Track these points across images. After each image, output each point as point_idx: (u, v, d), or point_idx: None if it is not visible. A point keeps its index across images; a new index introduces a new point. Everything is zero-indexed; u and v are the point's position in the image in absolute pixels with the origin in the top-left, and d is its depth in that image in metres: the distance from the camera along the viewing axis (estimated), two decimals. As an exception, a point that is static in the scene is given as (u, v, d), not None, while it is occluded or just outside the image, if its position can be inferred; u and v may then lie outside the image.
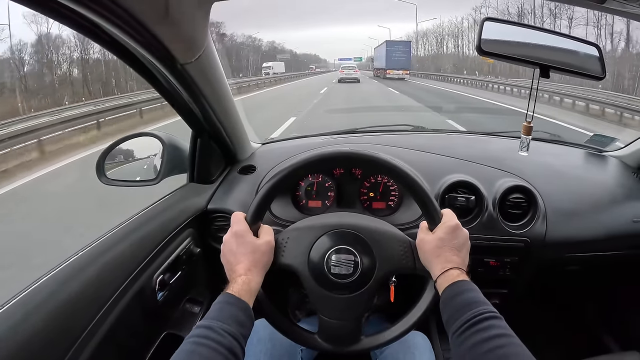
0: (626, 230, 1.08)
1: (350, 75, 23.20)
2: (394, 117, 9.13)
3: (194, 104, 0.88)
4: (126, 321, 0.75)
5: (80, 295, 0.66)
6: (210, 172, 1.13)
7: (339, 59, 59.59)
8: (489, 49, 0.83)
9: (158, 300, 0.85)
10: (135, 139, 1.12)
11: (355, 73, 24.06)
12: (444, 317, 0.63)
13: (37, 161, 6.11)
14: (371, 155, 0.74)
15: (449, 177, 1.06)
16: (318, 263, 0.73)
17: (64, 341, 0.61)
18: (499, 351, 0.53)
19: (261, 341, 0.88)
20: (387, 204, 1.11)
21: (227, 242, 0.71)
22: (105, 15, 0.52)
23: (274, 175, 0.74)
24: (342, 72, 23.79)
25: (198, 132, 1.05)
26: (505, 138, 1.40)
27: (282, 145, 1.35)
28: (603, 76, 0.90)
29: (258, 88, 19.36)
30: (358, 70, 25.92)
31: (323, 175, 1.11)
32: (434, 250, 0.69)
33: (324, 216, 0.84)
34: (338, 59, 60.56)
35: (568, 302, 1.53)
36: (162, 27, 0.60)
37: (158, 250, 0.86)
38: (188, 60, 0.71)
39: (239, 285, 0.64)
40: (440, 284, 0.66)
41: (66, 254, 0.73)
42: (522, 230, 1.04)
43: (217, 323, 0.58)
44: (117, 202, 2.47)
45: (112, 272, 0.74)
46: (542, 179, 1.09)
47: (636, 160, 1.19)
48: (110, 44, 0.65)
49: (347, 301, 0.73)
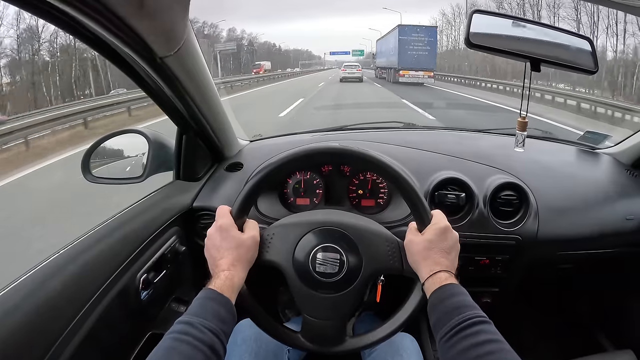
0: (619, 228, 1.07)
1: (353, 74, 22.11)
2: (385, 114, 8.77)
3: (177, 100, 0.87)
4: (109, 321, 0.73)
5: (60, 295, 0.65)
6: (197, 169, 1.12)
7: (331, 52, 53.02)
8: (478, 41, 0.81)
9: (142, 300, 0.84)
10: (120, 136, 1.10)
11: (358, 72, 22.62)
12: (431, 321, 0.62)
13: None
14: (361, 152, 0.72)
15: (439, 174, 1.05)
16: (303, 261, 0.71)
17: (43, 341, 0.60)
18: (489, 357, 0.52)
19: (246, 341, 0.86)
20: (376, 202, 1.10)
21: (211, 236, 0.69)
22: (79, 7, 0.50)
23: (261, 170, 0.73)
24: (344, 70, 22.96)
25: (183, 129, 1.03)
26: (496, 135, 1.39)
27: (270, 142, 1.34)
28: (595, 70, 0.89)
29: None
30: (361, 69, 23.80)
31: (311, 173, 1.10)
32: (422, 252, 0.67)
33: (311, 213, 0.82)
34: (330, 53, 54.00)
35: (561, 300, 1.52)
36: (138, 19, 0.58)
37: (142, 249, 0.85)
38: (167, 53, 0.69)
39: (222, 281, 0.63)
40: (428, 287, 0.65)
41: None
42: (513, 228, 1.03)
43: (197, 319, 0.56)
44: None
45: (94, 270, 0.73)
46: (534, 176, 1.08)
47: (629, 157, 1.18)
48: (89, 39, 0.63)
49: (332, 300, 0.71)
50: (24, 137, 6.92)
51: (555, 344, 1.35)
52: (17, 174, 5.36)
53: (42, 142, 7.37)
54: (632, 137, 1.19)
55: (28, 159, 6.16)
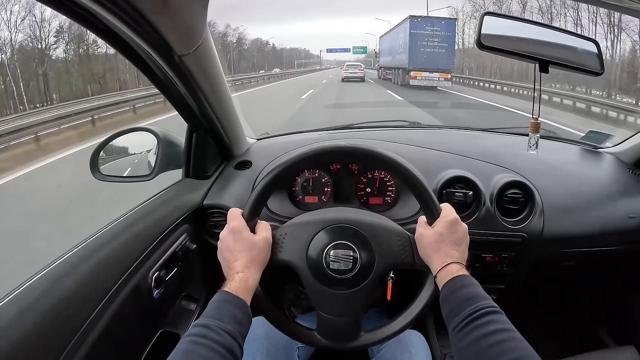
0: (621, 226, 1.09)
1: (355, 74, 21.73)
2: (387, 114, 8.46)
3: (190, 97, 0.87)
4: (122, 319, 0.73)
5: (75, 294, 0.64)
6: (206, 167, 1.12)
7: (328, 49, 50.96)
8: (489, 43, 0.83)
9: (154, 298, 0.84)
10: (129, 134, 1.10)
11: (360, 72, 22.05)
12: (444, 312, 0.63)
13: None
14: (370, 150, 0.73)
15: (447, 173, 1.06)
16: (316, 259, 0.72)
17: (58, 341, 0.59)
18: (501, 346, 0.53)
19: (257, 339, 0.87)
20: (384, 200, 1.11)
21: (224, 238, 0.70)
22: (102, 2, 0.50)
23: (271, 170, 0.73)
24: (347, 70, 22.64)
25: (194, 127, 1.03)
26: (502, 134, 1.41)
27: (278, 140, 1.34)
28: (601, 72, 0.91)
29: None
30: (363, 68, 22.94)
31: (320, 171, 1.11)
32: (433, 245, 0.68)
33: (322, 211, 0.83)
34: (327, 50, 52.13)
35: (564, 297, 1.54)
36: (160, 16, 0.58)
37: (153, 247, 0.85)
38: (186, 51, 0.69)
39: (237, 283, 0.63)
40: (440, 279, 0.66)
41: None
42: (519, 225, 1.04)
43: (214, 322, 0.57)
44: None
45: (107, 269, 0.73)
46: (539, 175, 1.10)
47: (631, 156, 1.20)
48: (105, 33, 0.63)
49: (346, 297, 0.72)
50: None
51: (558, 340, 1.37)
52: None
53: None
54: (634, 136, 1.21)
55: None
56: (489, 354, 0.53)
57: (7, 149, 6.42)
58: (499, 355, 0.52)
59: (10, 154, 6.36)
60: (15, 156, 6.22)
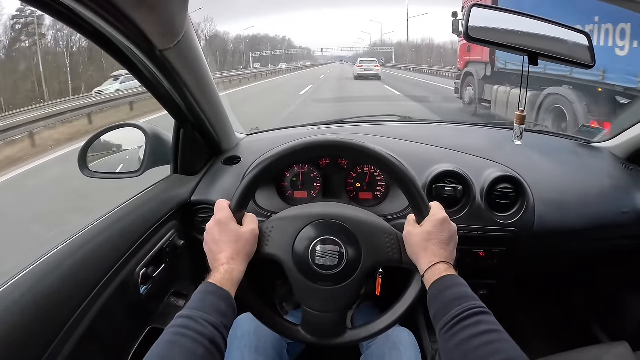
0: (615, 221, 1.08)
1: (370, 71, 19.67)
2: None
3: (175, 93, 0.86)
4: (109, 316, 0.73)
5: (60, 290, 0.64)
6: (194, 163, 1.11)
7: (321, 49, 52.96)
8: (477, 35, 0.82)
9: (141, 294, 0.84)
10: (118, 130, 1.10)
11: (376, 69, 20.08)
12: (431, 312, 0.62)
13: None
14: (359, 145, 0.72)
15: (437, 167, 1.05)
16: (302, 253, 0.71)
17: (43, 337, 0.59)
18: (489, 347, 0.53)
19: (245, 335, 0.86)
20: (374, 195, 1.10)
21: (210, 230, 0.69)
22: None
23: (259, 163, 0.73)
24: (360, 66, 20.49)
25: (181, 123, 1.02)
26: (493, 128, 1.40)
27: (268, 135, 1.33)
28: (592, 64, 0.90)
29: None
30: (379, 65, 21.13)
31: (309, 166, 1.10)
32: (421, 244, 0.67)
33: (310, 206, 0.82)
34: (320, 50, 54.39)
35: (557, 292, 1.54)
36: (138, 11, 0.57)
37: (141, 243, 0.85)
38: (167, 45, 0.68)
39: (221, 274, 0.63)
40: (427, 278, 0.65)
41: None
42: (510, 220, 1.04)
43: (197, 313, 0.57)
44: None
45: (93, 265, 0.72)
46: (530, 169, 1.09)
47: (624, 151, 1.19)
48: (87, 31, 0.62)
49: (331, 293, 0.71)
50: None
51: (551, 336, 1.37)
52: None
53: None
54: (627, 131, 1.19)
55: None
56: (477, 355, 0.52)
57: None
58: (487, 356, 0.52)
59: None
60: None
